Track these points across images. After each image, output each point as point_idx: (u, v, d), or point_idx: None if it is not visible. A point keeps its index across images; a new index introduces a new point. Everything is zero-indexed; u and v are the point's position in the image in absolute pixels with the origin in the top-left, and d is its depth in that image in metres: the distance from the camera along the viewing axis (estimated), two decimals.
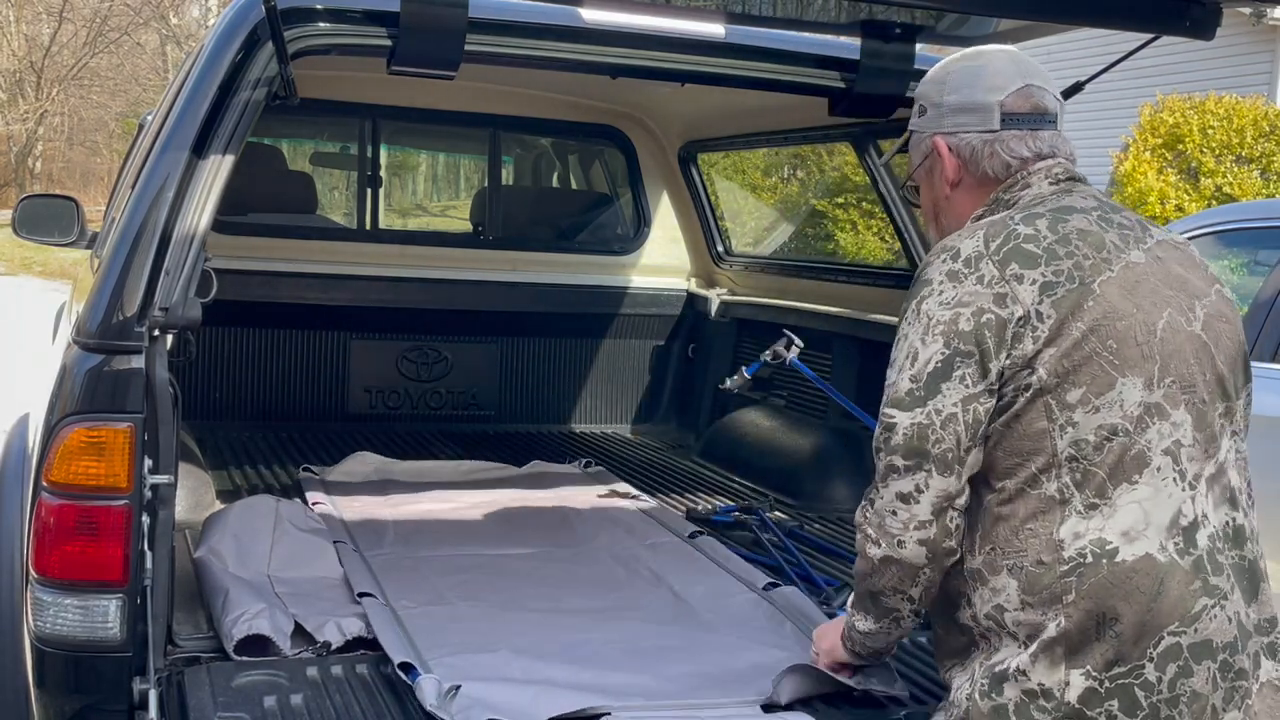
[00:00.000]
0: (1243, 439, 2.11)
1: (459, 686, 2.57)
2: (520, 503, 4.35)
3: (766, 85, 3.41)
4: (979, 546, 2.02)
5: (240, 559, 3.29)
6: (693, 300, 5.75)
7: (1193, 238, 5.30)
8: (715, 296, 5.61)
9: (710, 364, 5.63)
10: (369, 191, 5.45)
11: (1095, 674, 1.91)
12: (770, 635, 3.09)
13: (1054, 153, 2.16)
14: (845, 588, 3.40)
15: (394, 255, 5.36)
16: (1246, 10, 12.92)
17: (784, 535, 4.02)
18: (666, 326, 5.79)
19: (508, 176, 6.16)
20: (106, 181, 28.50)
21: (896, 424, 2.02)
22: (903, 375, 2.03)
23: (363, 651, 2.88)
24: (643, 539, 3.90)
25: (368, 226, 5.45)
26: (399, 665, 2.73)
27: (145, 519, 2.54)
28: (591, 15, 3.07)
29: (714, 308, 5.58)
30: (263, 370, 5.26)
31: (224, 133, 2.70)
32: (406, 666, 2.72)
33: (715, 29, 3.22)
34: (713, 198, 5.80)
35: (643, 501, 4.36)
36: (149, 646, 2.53)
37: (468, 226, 5.92)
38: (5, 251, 21.00)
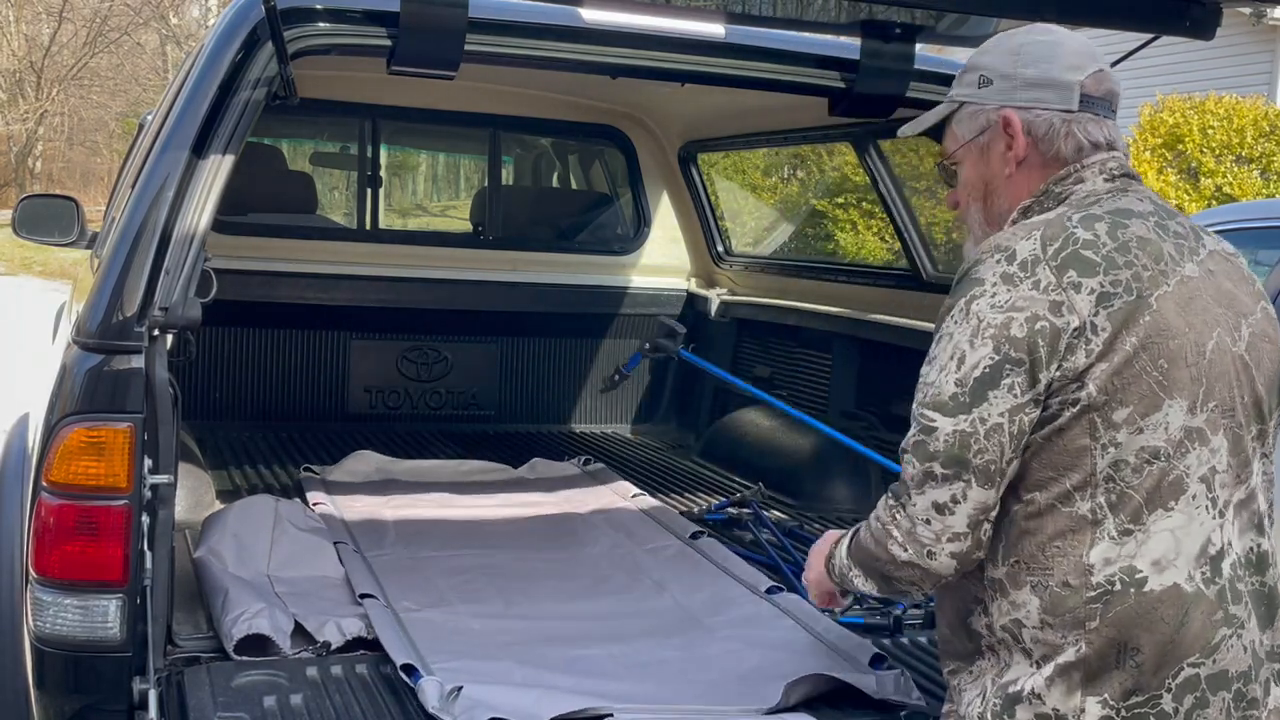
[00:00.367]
0: (1270, 460, 2.04)
1: (461, 688, 2.57)
2: (521, 504, 4.35)
3: (766, 85, 3.41)
4: (1002, 557, 1.94)
5: (240, 559, 3.29)
6: (693, 300, 5.75)
7: None
8: (715, 296, 5.61)
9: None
10: (369, 191, 5.45)
11: (1112, 703, 1.86)
12: (773, 641, 3.08)
13: (1115, 144, 2.07)
14: (847, 593, 3.39)
15: (394, 255, 5.36)
16: (1246, 10, 12.92)
17: (782, 535, 4.02)
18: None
19: (508, 176, 6.16)
20: (106, 181, 28.50)
21: (938, 429, 1.88)
22: (946, 377, 1.89)
23: (363, 651, 2.89)
24: (643, 543, 3.90)
25: (368, 226, 5.45)
26: (401, 667, 2.73)
27: (145, 519, 2.54)
28: (591, 15, 3.07)
29: (714, 308, 5.58)
30: (263, 370, 5.26)
31: (224, 133, 2.70)
32: (409, 668, 2.72)
33: (715, 29, 3.22)
34: (713, 198, 5.80)
35: (643, 501, 4.35)
36: (149, 646, 2.53)
37: (468, 226, 5.92)
38: (5, 251, 20.99)
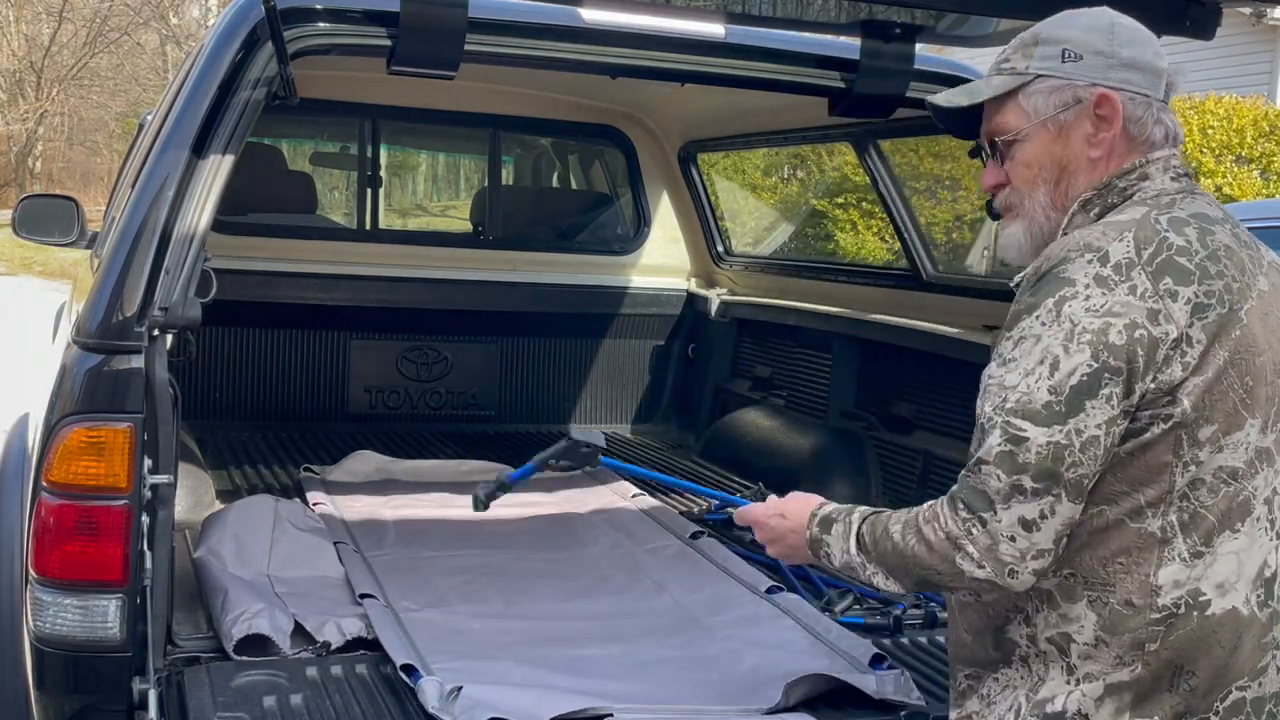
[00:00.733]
0: None
1: (460, 688, 2.57)
2: (521, 504, 4.34)
3: (766, 85, 3.41)
4: (1054, 568, 1.83)
5: (240, 559, 3.29)
6: (693, 300, 5.75)
7: None
8: (715, 296, 5.61)
9: (710, 364, 5.63)
10: (369, 191, 5.45)
11: None
12: (773, 641, 3.08)
13: (1180, 140, 1.99)
14: (848, 593, 3.40)
15: (394, 255, 5.36)
16: (1246, 10, 12.92)
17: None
18: (666, 326, 5.79)
19: (508, 176, 6.16)
20: (106, 181, 28.49)
21: (1029, 439, 1.75)
22: (1038, 383, 1.76)
23: (362, 651, 2.88)
24: (643, 543, 3.90)
25: (368, 226, 5.45)
26: (401, 667, 2.73)
27: (145, 519, 2.54)
28: (591, 15, 3.07)
29: (714, 308, 5.59)
30: (263, 370, 5.26)
31: (224, 133, 2.70)
32: (409, 668, 2.72)
33: (715, 29, 3.22)
34: (713, 198, 5.80)
35: (643, 501, 4.35)
36: (149, 646, 2.53)
37: (468, 226, 5.92)
38: (5, 251, 20.99)
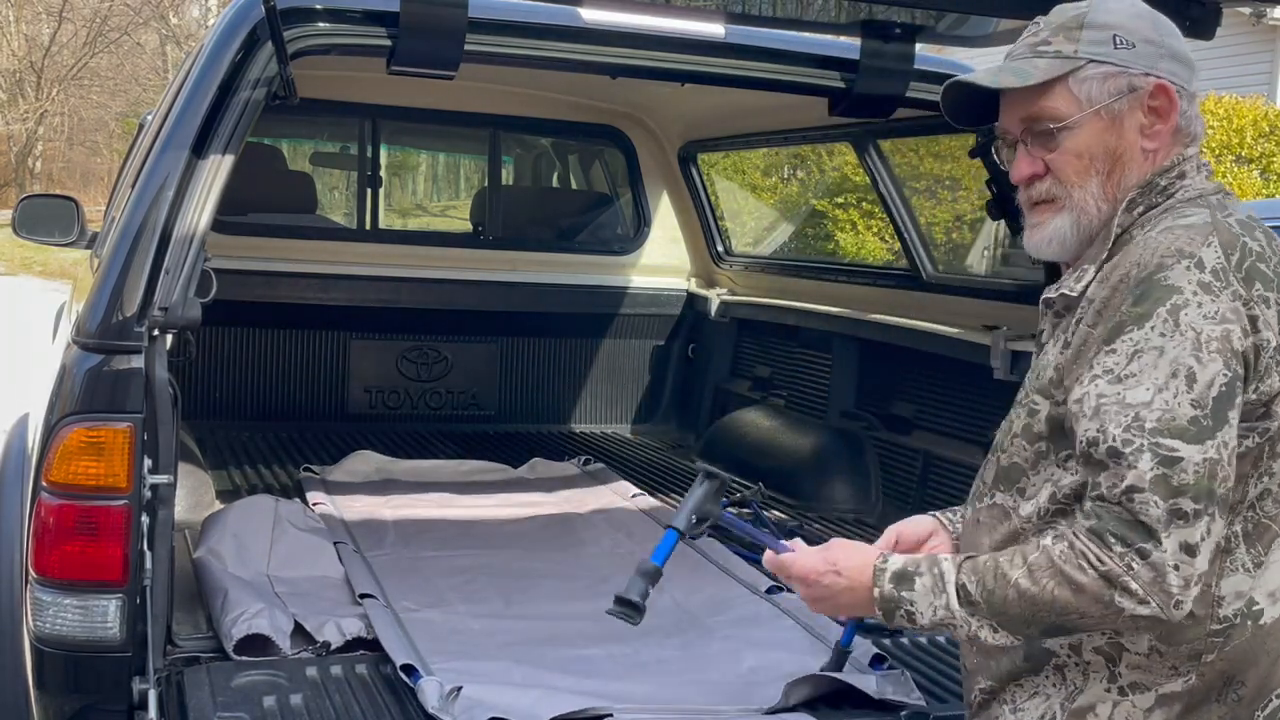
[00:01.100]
0: None
1: (460, 688, 2.57)
2: (521, 504, 4.35)
3: (766, 85, 3.40)
4: None
5: (239, 559, 3.29)
6: (693, 300, 5.75)
7: None
8: (715, 296, 5.61)
9: (710, 364, 5.63)
10: (369, 191, 5.46)
11: None
12: (773, 641, 3.08)
13: (1203, 138, 1.92)
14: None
15: (394, 255, 5.36)
16: (1246, 10, 12.92)
17: (782, 534, 4.01)
18: (666, 326, 5.79)
19: (508, 176, 6.16)
20: (106, 181, 28.48)
21: (1184, 459, 1.61)
22: (1176, 398, 1.63)
23: (362, 651, 2.88)
24: (643, 543, 3.89)
25: (368, 226, 5.45)
26: (401, 667, 2.73)
27: (145, 519, 2.54)
28: (591, 15, 3.06)
29: (714, 308, 5.59)
30: (263, 370, 5.26)
31: (224, 133, 2.70)
32: (409, 668, 2.72)
33: (715, 29, 3.22)
34: (713, 198, 5.81)
35: (643, 501, 4.35)
36: (149, 646, 2.53)
37: (468, 226, 5.92)
38: (5, 251, 20.98)
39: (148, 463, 2.54)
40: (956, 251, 12.37)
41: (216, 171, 2.68)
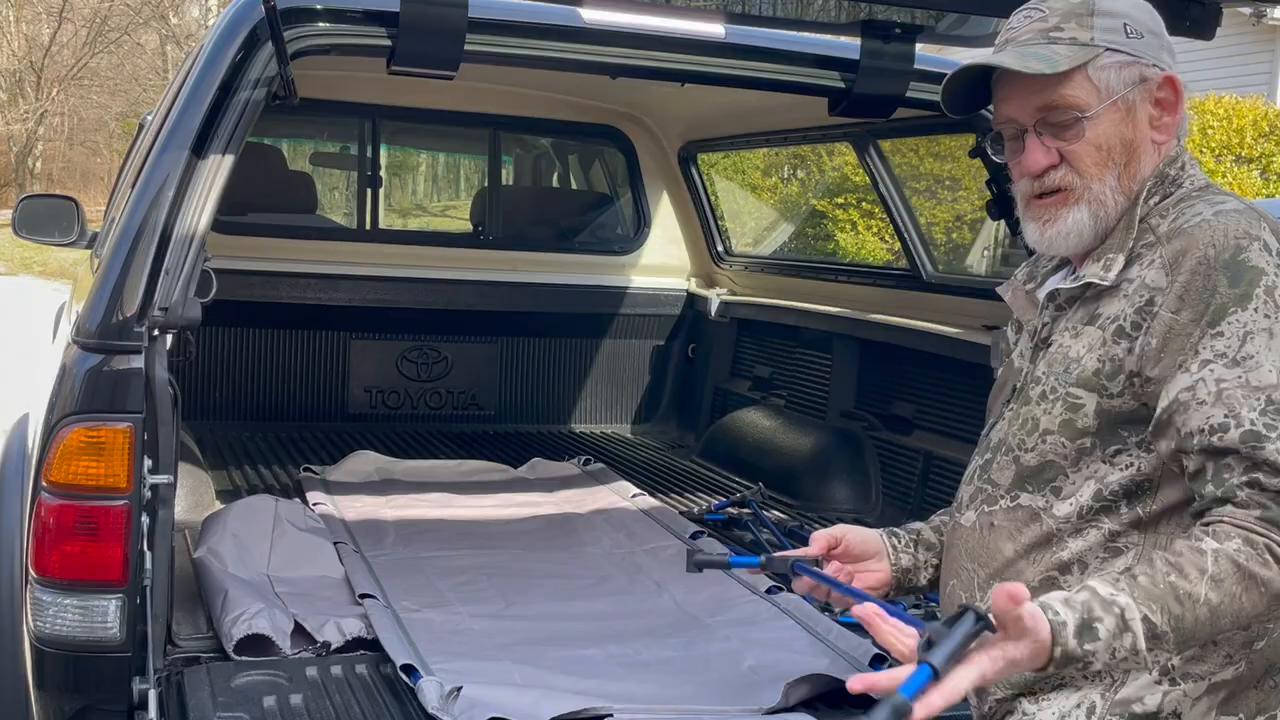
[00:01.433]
0: None
1: (460, 688, 2.57)
2: (521, 504, 4.35)
3: (766, 85, 3.41)
4: None
5: (239, 559, 3.29)
6: (693, 300, 5.75)
7: None
8: (715, 296, 5.61)
9: (710, 364, 5.63)
10: (369, 191, 5.46)
11: None
12: (773, 641, 3.08)
13: None
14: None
15: (394, 255, 5.37)
16: (1246, 10, 12.92)
17: (782, 535, 4.02)
18: (666, 326, 5.79)
19: (508, 176, 6.16)
20: (106, 181, 28.48)
21: None
22: None
23: (362, 651, 2.88)
24: (643, 543, 3.90)
25: (368, 226, 5.45)
26: (401, 667, 2.73)
27: (145, 519, 2.54)
28: (591, 15, 3.06)
29: (714, 308, 5.59)
30: (263, 370, 5.26)
31: (224, 133, 2.70)
32: (409, 668, 2.72)
33: (715, 29, 3.22)
34: (713, 198, 5.81)
35: (643, 501, 4.35)
36: (149, 646, 2.53)
37: (468, 226, 5.92)
38: (5, 251, 20.99)
39: (148, 463, 2.54)
40: (956, 251, 12.37)
41: (216, 171, 2.68)
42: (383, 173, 5.62)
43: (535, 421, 5.66)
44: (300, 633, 2.92)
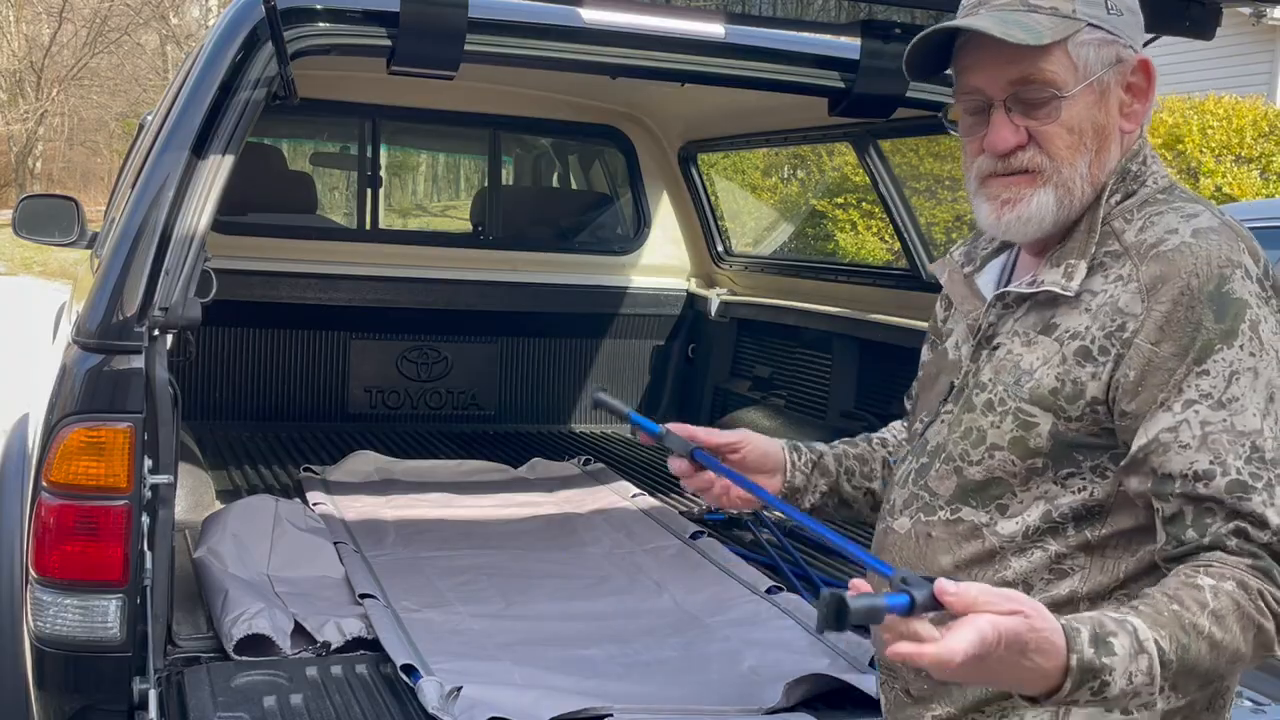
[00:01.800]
0: None
1: (460, 688, 2.57)
2: (521, 504, 4.35)
3: (766, 85, 3.41)
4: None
5: (239, 559, 3.29)
6: (693, 300, 5.76)
7: None
8: (715, 296, 5.61)
9: (710, 364, 5.63)
10: (369, 191, 5.47)
11: None
12: (773, 641, 3.08)
13: None
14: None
15: (394, 255, 5.37)
16: (1246, 10, 12.92)
17: (782, 535, 4.02)
18: (666, 326, 5.79)
19: (508, 176, 6.16)
20: (106, 181, 28.48)
21: None
22: (1278, 424, 1.53)
23: (363, 651, 2.89)
24: (643, 543, 3.90)
25: (368, 226, 5.46)
26: (401, 667, 2.73)
27: (145, 519, 2.54)
28: (591, 15, 3.07)
29: (714, 308, 5.59)
30: (263, 370, 5.26)
31: (224, 133, 2.70)
32: (409, 668, 2.72)
33: (715, 29, 3.22)
34: (713, 198, 5.81)
35: (643, 501, 4.36)
36: (149, 646, 2.53)
37: (468, 226, 5.93)
38: (5, 251, 20.99)
39: (148, 463, 2.54)
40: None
41: (216, 172, 2.68)
42: (383, 173, 5.63)
43: (535, 421, 5.66)
44: (300, 633, 2.92)
